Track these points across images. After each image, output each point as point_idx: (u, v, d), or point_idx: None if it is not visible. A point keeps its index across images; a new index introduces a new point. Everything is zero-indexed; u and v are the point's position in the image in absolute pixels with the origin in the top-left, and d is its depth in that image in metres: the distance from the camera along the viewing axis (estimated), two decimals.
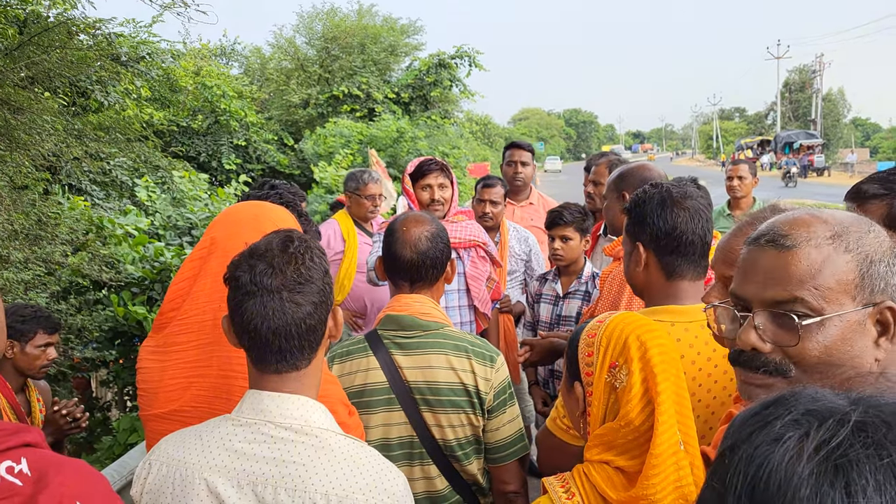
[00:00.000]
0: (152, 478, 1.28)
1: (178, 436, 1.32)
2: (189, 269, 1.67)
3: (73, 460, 1.05)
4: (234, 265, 1.28)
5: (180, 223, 6.61)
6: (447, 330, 1.97)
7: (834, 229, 1.02)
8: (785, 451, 0.54)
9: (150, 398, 1.59)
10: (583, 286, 3.21)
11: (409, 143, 16.15)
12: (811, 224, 1.03)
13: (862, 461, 0.51)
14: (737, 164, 5.19)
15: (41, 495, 0.94)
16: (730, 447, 0.59)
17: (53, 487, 0.96)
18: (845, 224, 1.03)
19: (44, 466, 0.98)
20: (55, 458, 1.02)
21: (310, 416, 1.26)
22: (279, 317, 1.23)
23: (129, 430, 4.40)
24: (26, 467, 0.97)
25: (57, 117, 5.49)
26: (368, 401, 1.90)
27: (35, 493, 0.95)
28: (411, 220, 2.04)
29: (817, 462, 0.52)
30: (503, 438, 1.95)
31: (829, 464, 0.52)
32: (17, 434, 1.00)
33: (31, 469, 0.97)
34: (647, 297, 1.88)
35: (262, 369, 1.28)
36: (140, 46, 9.10)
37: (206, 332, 1.56)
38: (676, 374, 1.42)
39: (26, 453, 0.99)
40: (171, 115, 14.06)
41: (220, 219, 1.76)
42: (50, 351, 2.74)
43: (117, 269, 5.01)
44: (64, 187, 7.75)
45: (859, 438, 0.52)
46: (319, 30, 23.22)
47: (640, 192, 1.90)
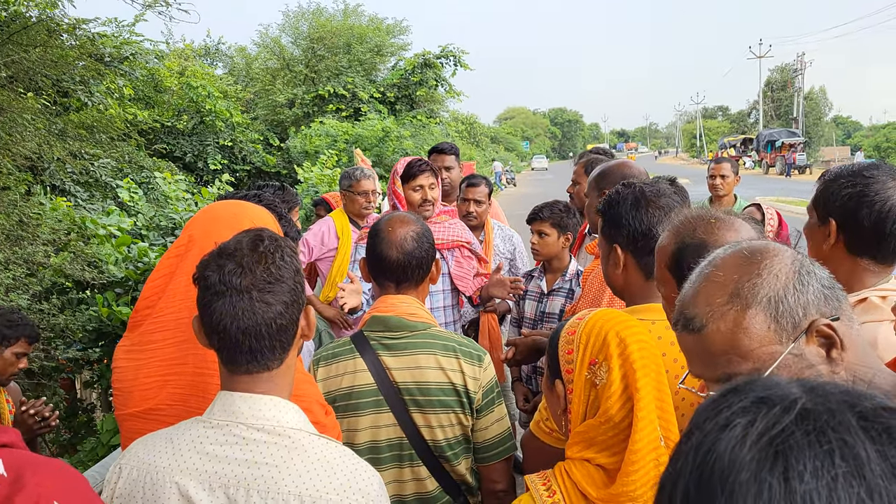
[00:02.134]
0: (122, 482, 1.26)
1: (149, 439, 1.30)
2: (165, 267, 1.65)
3: (51, 460, 1.03)
4: (202, 265, 1.26)
5: (164, 223, 6.56)
6: (434, 330, 1.96)
7: (728, 290, 1.00)
8: (731, 438, 0.55)
9: (125, 397, 1.57)
10: (567, 283, 3.23)
11: (394, 143, 16.13)
12: (708, 293, 1.02)
13: (802, 447, 0.52)
14: (719, 163, 5.23)
15: (17, 496, 0.93)
16: (685, 434, 0.61)
17: (30, 488, 0.94)
18: (736, 277, 1.00)
19: (20, 466, 0.97)
20: (32, 458, 1.00)
21: (282, 417, 1.24)
22: (249, 317, 1.20)
23: (112, 430, 4.36)
24: (2, 468, 0.96)
25: (38, 116, 5.45)
26: (356, 403, 1.89)
27: (11, 494, 0.93)
28: (396, 221, 2.04)
29: (759, 448, 0.53)
30: (492, 437, 1.95)
31: (770, 450, 0.53)
32: None
33: (6, 469, 0.96)
34: (627, 297, 1.87)
35: (233, 370, 1.26)
36: (123, 46, 9.03)
37: (182, 329, 1.54)
38: (657, 369, 1.42)
39: (2, 454, 0.98)
40: (155, 115, 13.94)
41: (199, 217, 1.74)
42: (23, 360, 2.75)
43: (100, 269, 4.97)
44: (46, 188, 7.67)
45: (802, 425, 0.54)
46: (305, 29, 23.14)
47: (613, 194, 1.87)
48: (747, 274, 0.99)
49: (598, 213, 1.92)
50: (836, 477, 0.50)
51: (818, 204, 1.79)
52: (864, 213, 1.67)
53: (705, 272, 1.05)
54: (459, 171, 4.50)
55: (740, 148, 49.77)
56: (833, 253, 1.75)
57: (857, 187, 1.69)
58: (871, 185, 1.68)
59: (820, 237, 1.79)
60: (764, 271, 0.99)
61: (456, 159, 4.46)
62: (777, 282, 0.98)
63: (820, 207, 1.79)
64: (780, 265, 0.99)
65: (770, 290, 0.97)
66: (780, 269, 0.99)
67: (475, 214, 3.76)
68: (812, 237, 1.84)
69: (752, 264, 1.00)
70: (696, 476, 0.56)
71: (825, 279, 1.00)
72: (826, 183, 1.79)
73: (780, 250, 1.02)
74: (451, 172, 4.38)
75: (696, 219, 1.51)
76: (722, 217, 1.50)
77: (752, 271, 0.99)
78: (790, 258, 1.00)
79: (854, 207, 1.69)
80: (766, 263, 0.99)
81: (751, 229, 1.49)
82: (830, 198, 1.75)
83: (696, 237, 1.47)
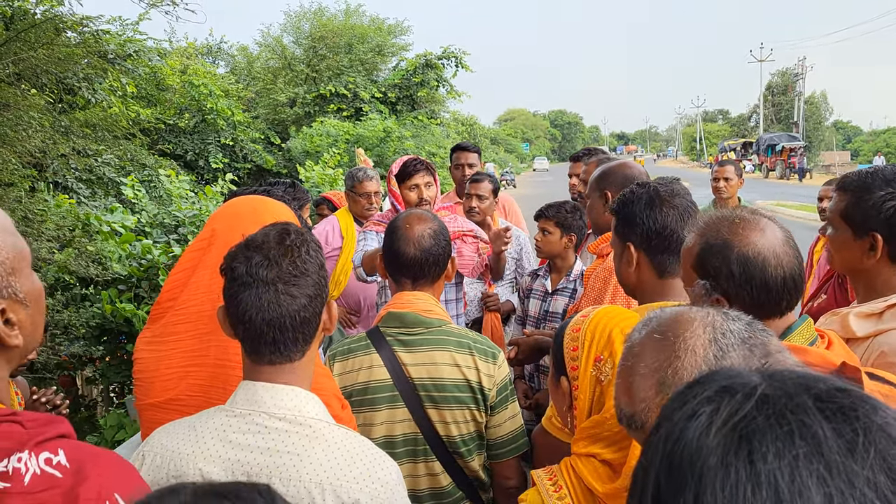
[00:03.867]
0: (146, 469, 1.28)
1: (172, 427, 1.32)
2: (188, 260, 1.67)
3: (107, 451, 1.04)
4: (230, 256, 1.28)
5: (167, 221, 6.58)
6: (449, 327, 1.98)
7: (654, 380, 0.99)
8: (697, 426, 0.58)
9: (146, 388, 1.59)
10: (571, 283, 3.25)
11: (395, 143, 16.14)
12: (637, 388, 1.01)
13: (764, 430, 0.55)
14: (723, 166, 5.25)
15: (81, 487, 0.94)
16: (654, 426, 0.64)
17: (93, 479, 0.95)
18: (656, 365, 0.99)
19: (81, 458, 0.97)
20: (90, 449, 1.01)
21: (303, 407, 1.27)
22: (273, 308, 1.23)
23: (115, 426, 4.38)
24: (64, 459, 0.96)
25: (43, 114, 5.47)
26: (372, 398, 1.90)
27: (75, 485, 0.94)
28: (414, 218, 2.05)
29: (724, 434, 0.56)
30: (505, 434, 1.97)
31: (734, 434, 0.56)
32: (52, 424, 1.00)
33: (69, 461, 0.96)
34: (639, 296, 1.87)
35: (256, 360, 1.28)
36: (127, 44, 9.05)
37: (204, 322, 1.56)
38: None
39: (63, 444, 0.98)
40: (157, 113, 13.96)
41: (221, 211, 1.77)
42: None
43: (104, 266, 4.98)
44: (50, 185, 7.69)
45: (763, 410, 0.57)
46: (307, 29, 23.14)
47: (628, 193, 1.88)
48: (666, 359, 0.97)
49: (612, 212, 1.93)
50: (797, 456, 0.53)
51: (852, 217, 1.76)
52: None
53: (628, 364, 1.04)
54: (481, 167, 4.57)
55: (740, 151, 49.79)
56: (875, 265, 1.74)
57: None
58: None
59: (857, 250, 1.76)
60: (680, 351, 0.96)
61: (479, 157, 4.54)
62: (696, 358, 0.95)
63: (856, 221, 1.75)
64: (694, 338, 0.97)
65: (692, 369, 0.95)
66: (696, 342, 0.96)
67: (478, 210, 3.78)
68: (843, 249, 1.81)
69: (666, 346, 0.98)
70: (666, 465, 0.59)
71: (743, 330, 0.97)
72: (858, 195, 1.74)
73: (690, 320, 1.00)
74: (474, 169, 4.46)
75: (721, 219, 1.51)
76: (747, 217, 1.50)
77: (670, 355, 0.97)
78: (702, 325, 0.98)
79: None
80: (680, 343, 0.97)
81: (777, 229, 1.50)
82: (870, 211, 1.71)
83: (721, 237, 1.47)
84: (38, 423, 0.98)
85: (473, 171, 4.45)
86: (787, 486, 0.52)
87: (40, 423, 0.98)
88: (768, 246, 1.45)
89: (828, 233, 1.88)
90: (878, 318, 1.73)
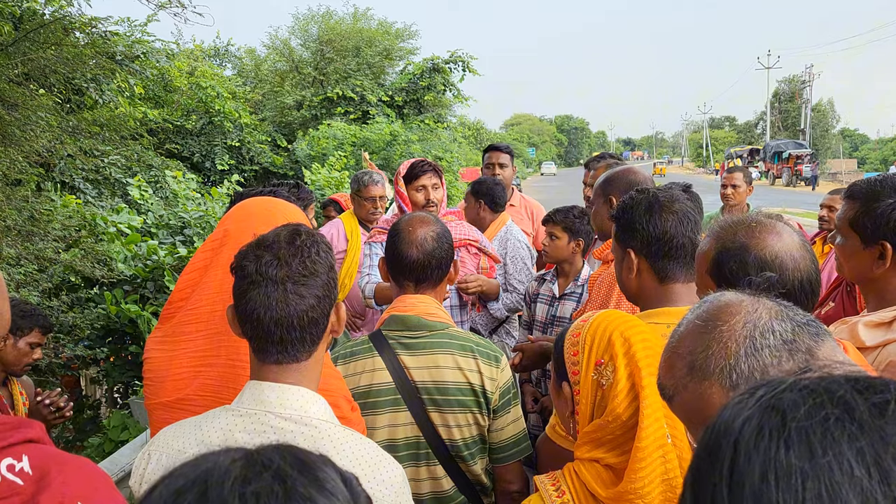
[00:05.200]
0: (152, 468, 1.28)
1: (178, 426, 1.32)
2: (200, 260, 1.68)
3: (76, 458, 1.02)
4: (241, 255, 1.29)
5: (173, 222, 6.60)
6: (452, 330, 1.97)
7: (686, 362, 1.01)
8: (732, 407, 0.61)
9: (156, 387, 1.59)
10: (579, 288, 3.24)
11: (402, 147, 16.17)
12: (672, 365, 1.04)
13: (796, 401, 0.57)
14: (731, 172, 5.23)
15: (42, 495, 0.92)
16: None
17: (55, 487, 0.93)
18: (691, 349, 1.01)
19: (45, 464, 0.95)
20: (58, 455, 0.99)
21: (309, 408, 1.27)
22: (282, 308, 1.23)
23: (119, 427, 4.38)
24: (27, 465, 0.94)
25: (51, 114, 5.49)
26: (374, 401, 1.89)
27: (36, 493, 0.92)
28: (417, 221, 2.05)
29: (758, 407, 0.59)
30: (507, 438, 1.96)
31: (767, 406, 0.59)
32: (19, 429, 0.98)
33: (32, 467, 0.94)
34: (641, 302, 1.87)
35: (263, 359, 1.29)
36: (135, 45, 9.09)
37: (216, 322, 1.57)
38: None
39: (28, 450, 0.96)
40: (165, 115, 14.02)
41: (234, 212, 1.78)
42: (37, 351, 2.75)
43: (110, 267, 4.99)
44: (57, 185, 7.72)
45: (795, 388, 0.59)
46: (314, 32, 23.24)
47: (627, 199, 1.89)
48: (700, 346, 1.00)
49: (612, 218, 1.93)
50: (828, 417, 0.54)
51: (861, 226, 1.75)
52: None
53: (671, 343, 1.07)
54: (512, 169, 4.58)
55: (747, 158, 49.70)
56: (885, 273, 1.73)
57: None
58: None
59: (866, 259, 1.75)
60: (713, 344, 0.99)
61: (511, 158, 4.57)
62: (727, 352, 0.97)
63: (865, 229, 1.74)
64: (731, 332, 0.98)
65: (721, 361, 0.97)
66: (730, 336, 0.98)
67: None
68: (852, 258, 1.80)
69: (703, 335, 1.01)
70: (704, 443, 0.61)
71: (787, 332, 0.97)
72: (867, 204, 1.73)
73: (734, 312, 1.01)
74: (505, 171, 4.48)
75: (737, 223, 1.51)
76: (763, 221, 1.50)
77: (704, 343, 1.00)
78: (743, 320, 0.99)
79: None
80: (716, 334, 0.99)
81: (793, 233, 1.49)
82: (879, 220, 1.70)
83: (738, 241, 1.47)
84: (5, 427, 0.96)
85: (504, 171, 4.48)
86: (819, 442, 0.53)
87: (7, 427, 0.96)
88: (785, 249, 1.44)
89: (837, 241, 1.86)
90: (887, 327, 1.71)
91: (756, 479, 0.54)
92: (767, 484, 0.53)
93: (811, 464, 0.52)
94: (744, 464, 0.55)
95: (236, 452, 0.64)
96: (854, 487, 0.51)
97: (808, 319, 1.00)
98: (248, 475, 0.60)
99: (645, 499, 1.32)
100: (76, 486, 0.96)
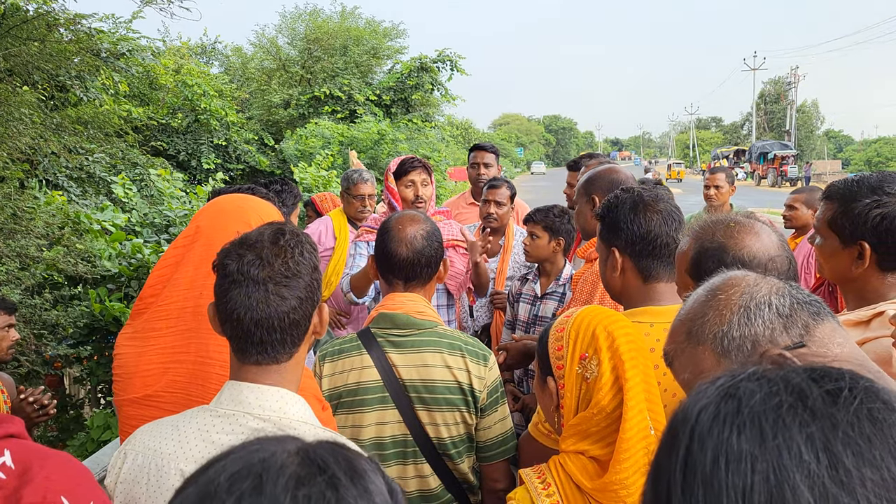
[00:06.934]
0: (127, 468, 1.26)
1: (154, 426, 1.31)
2: (172, 256, 1.66)
3: (58, 452, 1.02)
4: (223, 253, 1.28)
5: (157, 220, 6.55)
6: (441, 328, 1.98)
7: (686, 328, 1.05)
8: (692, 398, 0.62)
9: (125, 383, 1.58)
10: (560, 288, 3.25)
11: (389, 146, 16.13)
12: (675, 331, 1.08)
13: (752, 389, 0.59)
14: (714, 173, 5.27)
15: (25, 489, 0.92)
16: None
17: (38, 481, 0.93)
18: (692, 316, 1.05)
19: (28, 459, 0.96)
20: (39, 450, 0.99)
21: (288, 409, 1.25)
22: (262, 308, 1.22)
23: (102, 426, 4.35)
24: (10, 460, 0.94)
25: (35, 111, 5.44)
26: (362, 399, 1.89)
27: (19, 487, 0.92)
28: (406, 219, 2.05)
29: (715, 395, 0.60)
30: (494, 437, 1.97)
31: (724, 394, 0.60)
32: (1, 425, 0.98)
33: (14, 462, 0.94)
34: (625, 300, 1.89)
35: (243, 360, 1.27)
36: (120, 42, 9.02)
37: (186, 318, 1.55)
38: (644, 361, 1.46)
39: (10, 445, 0.96)
40: (150, 113, 13.91)
41: (206, 209, 1.76)
42: (12, 332, 2.73)
43: (93, 265, 4.95)
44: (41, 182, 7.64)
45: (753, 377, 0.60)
46: (302, 31, 23.12)
47: (612, 198, 1.90)
48: (699, 314, 1.04)
49: (597, 217, 1.94)
50: (781, 404, 0.56)
51: (839, 226, 1.75)
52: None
53: (678, 313, 1.11)
54: (498, 169, 4.57)
55: (733, 159, 50.08)
56: (864, 273, 1.73)
57: (887, 206, 1.67)
58: None
59: (845, 259, 1.76)
60: (710, 311, 1.03)
61: (496, 158, 4.56)
62: (721, 319, 1.01)
63: (843, 229, 1.75)
64: (727, 301, 1.03)
65: (715, 328, 1.01)
66: (727, 304, 1.02)
67: (496, 216, 3.77)
68: (831, 258, 1.81)
69: (704, 303, 1.05)
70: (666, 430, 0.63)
71: (785, 307, 1.00)
72: (845, 204, 1.73)
73: (735, 284, 1.05)
74: (490, 170, 4.48)
75: (716, 223, 1.53)
76: (742, 221, 1.52)
77: (703, 311, 1.04)
78: (741, 291, 1.03)
79: (889, 228, 1.66)
80: (714, 302, 1.04)
81: (771, 233, 1.50)
82: (857, 220, 1.71)
83: (716, 241, 1.48)
84: None
85: (490, 171, 4.47)
86: (771, 428, 0.54)
87: None
88: (763, 249, 1.45)
89: (816, 242, 1.88)
90: (865, 325, 1.73)
91: (707, 464, 0.55)
92: (717, 468, 0.54)
93: (761, 448, 0.53)
94: (697, 450, 0.56)
95: (291, 444, 0.64)
96: (802, 471, 0.52)
97: (811, 299, 1.03)
98: (302, 476, 0.60)
99: (629, 489, 1.35)
100: (59, 480, 0.96)
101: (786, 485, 0.51)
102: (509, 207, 3.83)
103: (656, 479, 0.60)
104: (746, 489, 0.52)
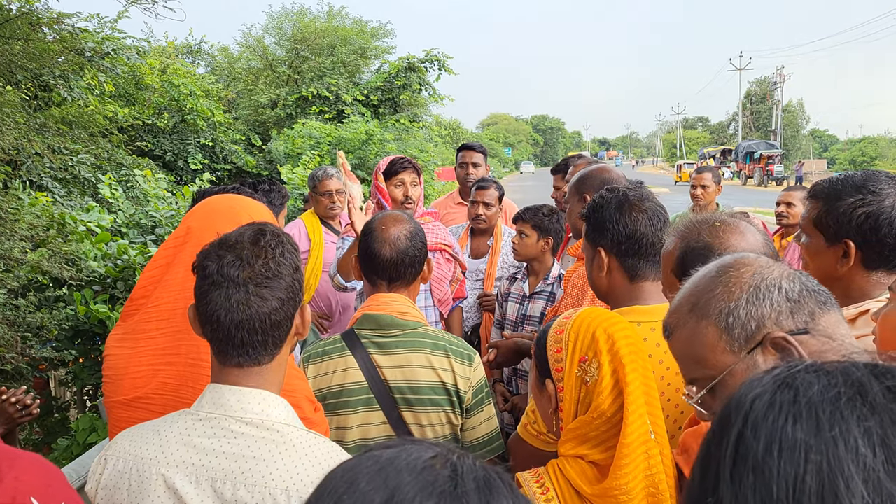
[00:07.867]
0: (108, 473, 1.25)
1: (135, 430, 1.29)
2: (163, 257, 1.65)
3: (29, 454, 1.01)
4: (203, 254, 1.26)
5: (144, 221, 6.50)
6: (425, 329, 1.97)
7: (691, 302, 1.06)
8: (747, 384, 0.62)
9: (115, 385, 1.56)
10: (549, 287, 3.25)
11: (377, 146, 16.09)
12: (679, 304, 1.09)
13: (810, 380, 0.58)
14: (700, 173, 5.30)
15: None
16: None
17: (7, 482, 0.92)
18: (699, 291, 1.06)
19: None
20: (9, 451, 0.98)
21: (270, 412, 1.24)
22: (243, 310, 1.20)
23: (88, 429, 4.31)
24: None
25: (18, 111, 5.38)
26: (347, 401, 1.88)
27: None
28: (390, 219, 2.04)
29: (774, 382, 0.60)
30: (480, 437, 1.97)
31: (780, 383, 0.59)
32: None
33: None
34: (611, 300, 1.89)
35: (224, 362, 1.26)
36: (105, 42, 8.94)
37: (177, 320, 1.54)
38: (644, 365, 1.45)
39: None
40: (136, 113, 13.80)
41: (198, 209, 1.75)
42: None
43: (79, 267, 4.90)
44: (24, 183, 7.56)
45: (811, 369, 0.60)
46: (289, 30, 23.02)
47: (597, 198, 1.90)
48: (707, 289, 1.05)
49: (583, 217, 1.94)
50: (839, 395, 0.55)
51: (824, 225, 1.76)
52: (884, 230, 1.65)
53: (686, 286, 1.11)
54: (486, 168, 4.57)
55: (720, 158, 50.38)
56: (849, 271, 1.74)
57: (871, 205, 1.67)
58: (885, 200, 1.66)
59: (831, 257, 1.76)
60: (719, 287, 1.04)
61: (484, 158, 4.56)
62: (730, 296, 1.02)
63: (828, 229, 1.75)
64: (738, 279, 1.03)
65: (722, 304, 1.02)
66: (737, 282, 1.03)
67: (484, 217, 3.77)
68: (817, 256, 1.81)
69: (713, 279, 1.06)
70: (718, 417, 0.62)
71: (794, 292, 1.01)
72: (829, 203, 1.74)
73: (747, 264, 1.05)
74: (478, 170, 4.48)
75: (702, 223, 1.54)
76: (728, 221, 1.53)
77: (712, 286, 1.05)
78: (752, 271, 1.03)
79: (873, 226, 1.66)
80: (725, 279, 1.04)
81: (756, 232, 1.51)
82: (842, 218, 1.71)
83: (702, 241, 1.49)
84: None
85: (478, 171, 4.47)
86: (828, 419, 0.53)
87: None
88: (748, 249, 1.46)
89: (801, 241, 1.89)
90: (850, 324, 1.74)
91: (760, 451, 0.55)
92: (770, 455, 0.54)
93: (816, 438, 0.53)
94: (750, 437, 0.56)
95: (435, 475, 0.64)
96: (857, 464, 0.51)
97: (820, 289, 1.04)
98: None
99: (629, 494, 1.33)
100: (29, 481, 0.95)
101: (839, 476, 0.51)
102: (497, 208, 3.84)
103: (705, 465, 0.60)
104: (798, 478, 0.52)
